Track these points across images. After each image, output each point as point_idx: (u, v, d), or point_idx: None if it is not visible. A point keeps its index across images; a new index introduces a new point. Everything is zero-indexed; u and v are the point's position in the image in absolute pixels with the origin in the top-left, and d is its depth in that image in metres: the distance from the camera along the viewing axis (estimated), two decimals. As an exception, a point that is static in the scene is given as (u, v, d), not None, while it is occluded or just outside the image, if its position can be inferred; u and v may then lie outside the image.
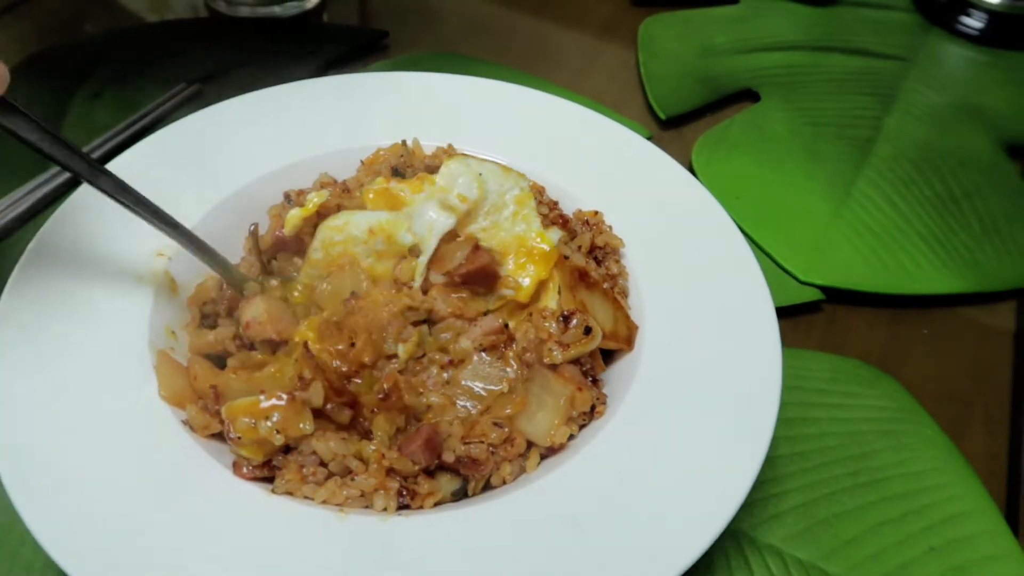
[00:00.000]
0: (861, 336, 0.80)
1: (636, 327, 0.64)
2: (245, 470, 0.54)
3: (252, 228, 0.68)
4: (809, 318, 0.82)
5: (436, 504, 0.55)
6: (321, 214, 0.66)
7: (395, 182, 0.67)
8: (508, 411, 0.57)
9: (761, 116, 1.02)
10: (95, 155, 0.88)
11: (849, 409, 0.72)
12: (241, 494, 0.52)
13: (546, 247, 0.64)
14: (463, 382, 0.58)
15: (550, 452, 0.59)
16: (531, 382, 0.59)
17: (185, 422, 0.56)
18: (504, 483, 0.57)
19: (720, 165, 0.94)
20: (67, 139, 0.53)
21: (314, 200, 0.67)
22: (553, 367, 0.60)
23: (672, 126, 1.02)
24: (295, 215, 0.66)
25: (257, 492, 0.52)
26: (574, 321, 0.60)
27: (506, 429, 0.57)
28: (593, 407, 0.60)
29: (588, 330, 0.60)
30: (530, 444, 0.58)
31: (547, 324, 0.60)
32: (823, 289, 0.82)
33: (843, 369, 0.76)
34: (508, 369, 0.58)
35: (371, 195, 0.67)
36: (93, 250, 0.64)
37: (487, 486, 0.57)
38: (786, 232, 0.87)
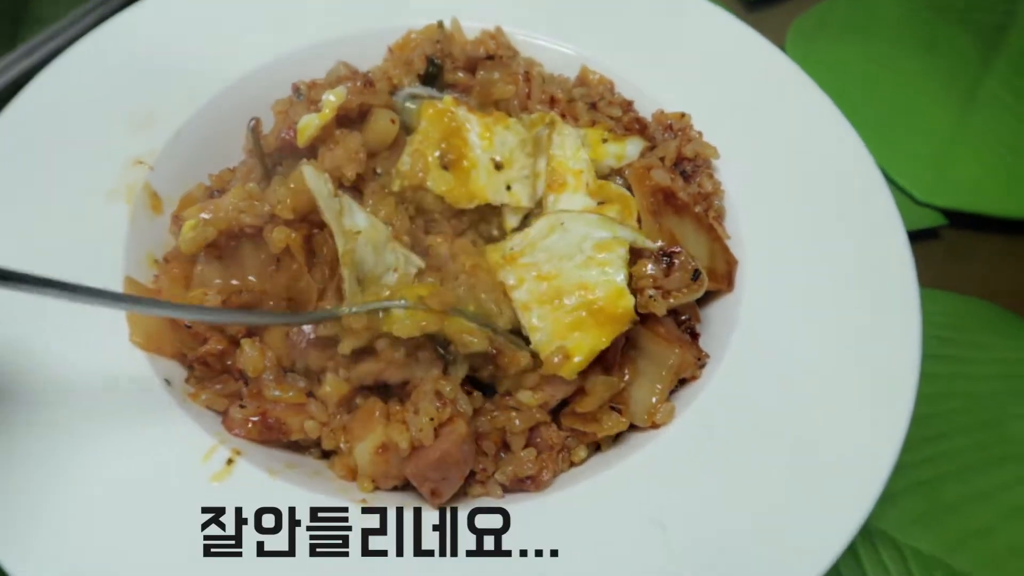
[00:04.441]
0: (990, 271, 0.68)
1: (736, 261, 0.52)
2: (237, 430, 0.47)
3: (252, 124, 0.56)
4: (925, 246, 0.69)
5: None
6: (341, 117, 0.53)
7: (464, 109, 0.54)
8: (622, 385, 0.47)
9: (869, -5, 0.85)
10: (53, 44, 0.72)
11: (976, 364, 0.61)
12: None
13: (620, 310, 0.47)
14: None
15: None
16: (631, 347, 0.47)
17: (167, 380, 0.45)
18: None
19: (819, 57, 0.79)
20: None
21: (331, 100, 0.53)
22: (644, 321, 0.47)
23: (760, 4, 0.85)
24: (311, 122, 0.53)
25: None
26: (677, 262, 0.47)
27: (623, 417, 0.46)
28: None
29: (697, 274, 0.47)
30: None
31: (643, 265, 0.47)
32: (944, 212, 0.70)
33: (967, 313, 0.65)
34: None
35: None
36: (54, 156, 0.53)
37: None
38: (900, 144, 0.74)
